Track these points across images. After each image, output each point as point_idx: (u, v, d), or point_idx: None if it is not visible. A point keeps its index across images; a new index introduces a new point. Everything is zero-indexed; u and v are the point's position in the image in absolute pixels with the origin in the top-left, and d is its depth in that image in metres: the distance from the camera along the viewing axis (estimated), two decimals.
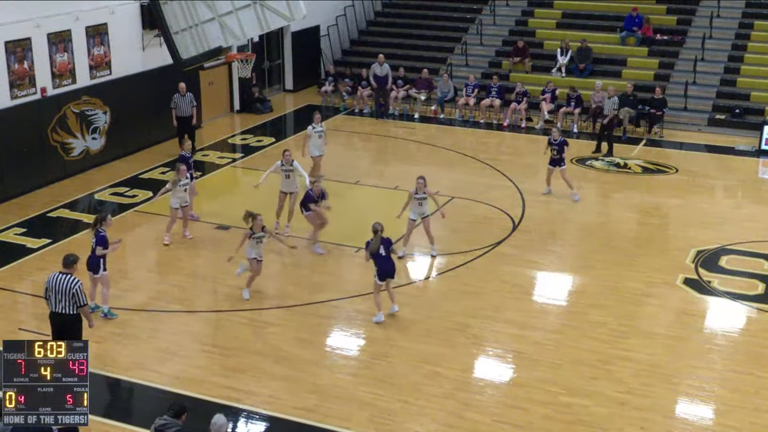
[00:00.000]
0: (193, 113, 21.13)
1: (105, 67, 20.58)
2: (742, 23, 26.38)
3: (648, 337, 12.98)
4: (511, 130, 24.13)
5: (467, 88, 24.93)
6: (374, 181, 19.63)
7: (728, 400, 11.45)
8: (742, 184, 20.33)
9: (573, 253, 16.18)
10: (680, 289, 14.63)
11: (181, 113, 20.93)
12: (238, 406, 11.18)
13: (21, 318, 13.79)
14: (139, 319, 13.55)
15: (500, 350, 12.68)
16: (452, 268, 15.35)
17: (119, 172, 20.23)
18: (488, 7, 28.91)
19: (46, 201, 18.36)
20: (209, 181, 19.83)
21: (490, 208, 18.08)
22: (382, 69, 25.22)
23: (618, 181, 20.23)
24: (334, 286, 14.72)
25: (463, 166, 20.91)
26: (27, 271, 15.15)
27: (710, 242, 16.40)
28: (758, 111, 23.80)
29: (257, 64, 24.15)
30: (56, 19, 19.07)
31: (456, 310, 13.78)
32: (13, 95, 18.31)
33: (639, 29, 26.38)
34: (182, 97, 20.88)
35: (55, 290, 11.13)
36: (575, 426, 10.84)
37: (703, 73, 24.98)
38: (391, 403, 11.25)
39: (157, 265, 15.78)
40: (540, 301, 14.41)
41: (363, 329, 13.34)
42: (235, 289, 14.54)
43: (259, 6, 17.09)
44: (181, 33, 18.15)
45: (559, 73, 25.91)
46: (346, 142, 23.39)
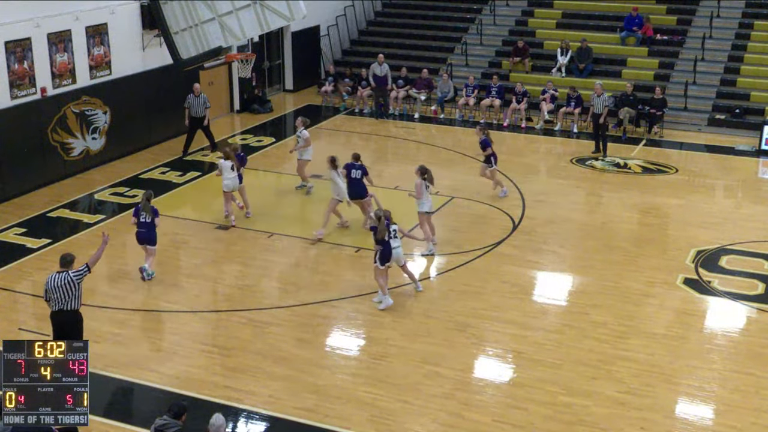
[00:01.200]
0: (206, 114, 21.25)
1: (105, 67, 20.58)
2: (742, 23, 26.38)
3: (648, 337, 12.98)
4: (511, 130, 24.13)
5: (467, 89, 24.94)
6: (374, 181, 19.59)
7: (728, 400, 11.46)
8: (742, 184, 20.33)
9: (573, 253, 16.18)
10: (680, 289, 14.63)
11: (194, 113, 21.09)
12: (238, 406, 11.19)
13: (21, 318, 13.80)
14: (139, 319, 13.55)
15: (500, 350, 12.68)
16: (452, 268, 15.36)
17: (119, 172, 20.23)
18: (488, 7, 28.91)
19: (46, 201, 18.36)
20: (209, 181, 19.82)
21: (490, 208, 18.09)
22: (381, 69, 25.23)
23: (618, 181, 20.24)
24: (334, 286, 14.72)
25: (463, 166, 20.91)
26: (27, 271, 15.15)
27: (710, 242, 16.40)
28: (758, 111, 23.79)
29: (257, 64, 24.16)
30: (56, 19, 19.07)
31: (456, 310, 13.78)
32: (13, 95, 18.31)
33: (639, 29, 26.39)
34: (196, 97, 21.06)
35: (54, 289, 11.12)
36: (575, 426, 10.84)
37: (703, 73, 24.98)
38: (391, 403, 11.26)
39: (157, 265, 15.77)
40: (540, 301, 14.41)
41: (363, 329, 13.34)
42: (235, 289, 14.55)
43: (259, 6, 17.07)
44: (181, 33, 18.14)
45: (559, 73, 25.91)
46: (346, 142, 23.38)
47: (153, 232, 14.83)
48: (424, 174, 15.60)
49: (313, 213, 17.64)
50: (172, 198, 18.76)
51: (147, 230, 14.78)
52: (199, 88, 21.18)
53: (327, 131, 24.19)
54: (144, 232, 14.77)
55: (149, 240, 14.82)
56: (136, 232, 14.80)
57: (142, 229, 14.71)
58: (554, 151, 22.80)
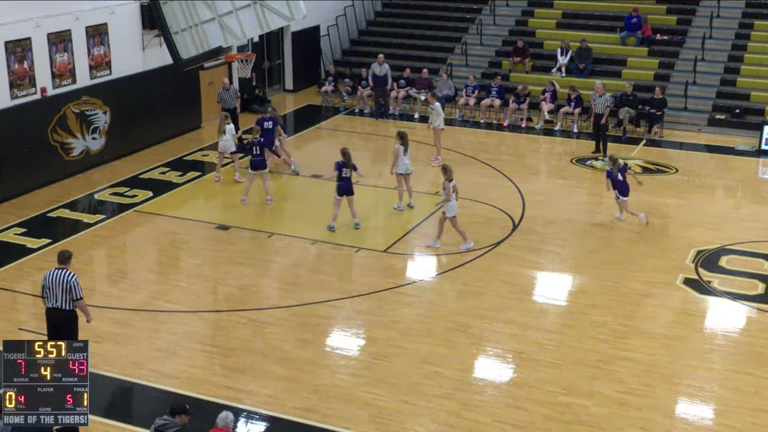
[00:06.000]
0: (238, 104, 22.05)
1: (105, 67, 20.58)
2: (742, 23, 26.38)
3: (648, 337, 12.98)
4: (511, 130, 24.13)
5: (467, 89, 24.94)
6: (374, 181, 19.63)
7: (728, 400, 11.46)
8: (742, 184, 20.33)
9: (573, 253, 16.18)
10: (680, 289, 14.63)
11: (226, 106, 21.66)
12: (238, 406, 11.18)
13: (21, 318, 13.80)
14: (139, 319, 13.55)
15: (500, 350, 12.68)
16: (452, 268, 15.35)
17: (119, 172, 20.23)
18: (488, 7, 28.91)
19: (46, 201, 18.36)
20: (209, 181, 19.82)
21: (490, 208, 18.09)
22: (381, 69, 25.22)
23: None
24: (334, 286, 14.72)
25: (463, 166, 20.90)
26: (27, 271, 15.15)
27: (710, 242, 16.40)
28: (758, 111, 23.79)
29: (257, 64, 24.16)
30: (56, 19, 19.07)
31: (456, 310, 13.78)
32: (13, 95, 18.30)
33: (639, 29, 26.38)
34: (226, 91, 21.83)
35: (51, 286, 11.08)
36: (575, 426, 10.84)
37: (703, 73, 24.98)
38: (391, 403, 11.26)
39: (157, 265, 15.79)
40: (540, 301, 14.41)
41: (363, 329, 13.35)
42: (235, 289, 14.55)
43: (259, 6, 17.07)
44: (181, 33, 18.13)
45: (559, 73, 25.90)
46: (346, 142, 23.35)
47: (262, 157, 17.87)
48: (401, 139, 17.55)
49: (313, 213, 17.62)
50: (172, 198, 18.75)
51: (261, 157, 17.81)
52: (228, 81, 22.09)
53: (327, 131, 24.20)
54: (260, 155, 17.80)
55: (262, 164, 17.86)
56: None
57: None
58: (554, 151, 22.81)
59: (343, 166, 16.44)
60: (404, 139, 17.66)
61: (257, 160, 17.87)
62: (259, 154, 17.85)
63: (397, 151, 17.51)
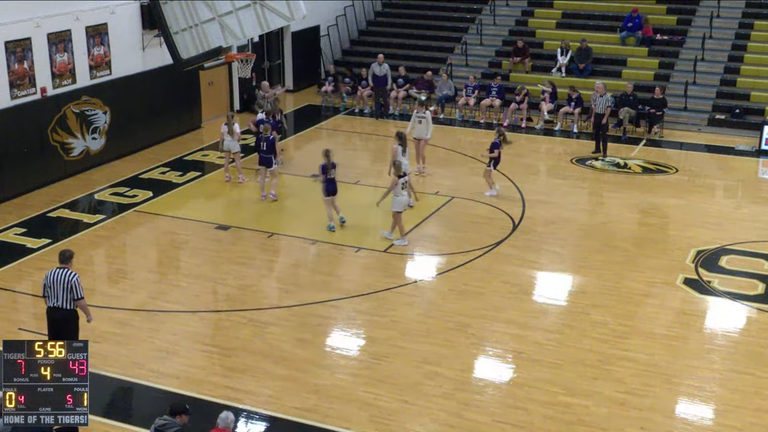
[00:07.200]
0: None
1: (105, 67, 20.58)
2: (742, 23, 26.38)
3: (648, 337, 12.98)
4: (511, 130, 24.10)
5: (467, 89, 24.94)
6: (374, 180, 19.64)
7: (728, 400, 11.46)
8: (742, 184, 20.32)
9: (573, 253, 16.18)
10: (680, 289, 14.63)
11: (266, 110, 21.52)
12: (238, 406, 11.18)
13: (21, 318, 13.79)
14: (139, 319, 13.55)
15: (500, 350, 12.68)
16: (452, 268, 15.35)
17: (119, 172, 20.23)
18: (488, 7, 28.92)
19: (46, 201, 18.36)
20: (209, 181, 19.83)
21: (490, 208, 18.09)
22: (381, 69, 25.23)
23: (618, 181, 20.24)
24: (334, 286, 14.72)
25: (463, 166, 20.91)
26: (27, 271, 15.15)
27: (710, 242, 16.40)
28: (758, 111, 23.80)
29: (257, 64, 24.15)
30: (56, 19, 19.06)
31: (456, 310, 13.78)
32: (13, 95, 18.30)
33: (639, 29, 26.38)
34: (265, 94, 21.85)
35: (53, 285, 11.08)
36: (575, 426, 10.84)
37: (703, 73, 24.98)
38: (391, 403, 11.26)
39: (157, 265, 15.78)
40: (540, 301, 14.41)
41: (363, 329, 13.35)
42: (235, 289, 14.55)
43: (259, 6, 17.06)
44: (181, 33, 18.13)
45: (559, 73, 25.91)
46: (346, 142, 23.40)
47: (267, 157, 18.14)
48: (400, 139, 17.69)
49: (313, 213, 17.61)
50: (172, 198, 18.75)
51: (266, 154, 18.19)
52: (267, 84, 22.31)
53: (327, 131, 24.20)
54: (266, 153, 18.15)
55: (268, 161, 18.08)
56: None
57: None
58: (554, 151, 22.81)
59: (327, 167, 16.51)
60: (403, 139, 17.75)
61: (264, 157, 18.05)
62: (267, 150, 18.01)
63: (396, 151, 17.54)
